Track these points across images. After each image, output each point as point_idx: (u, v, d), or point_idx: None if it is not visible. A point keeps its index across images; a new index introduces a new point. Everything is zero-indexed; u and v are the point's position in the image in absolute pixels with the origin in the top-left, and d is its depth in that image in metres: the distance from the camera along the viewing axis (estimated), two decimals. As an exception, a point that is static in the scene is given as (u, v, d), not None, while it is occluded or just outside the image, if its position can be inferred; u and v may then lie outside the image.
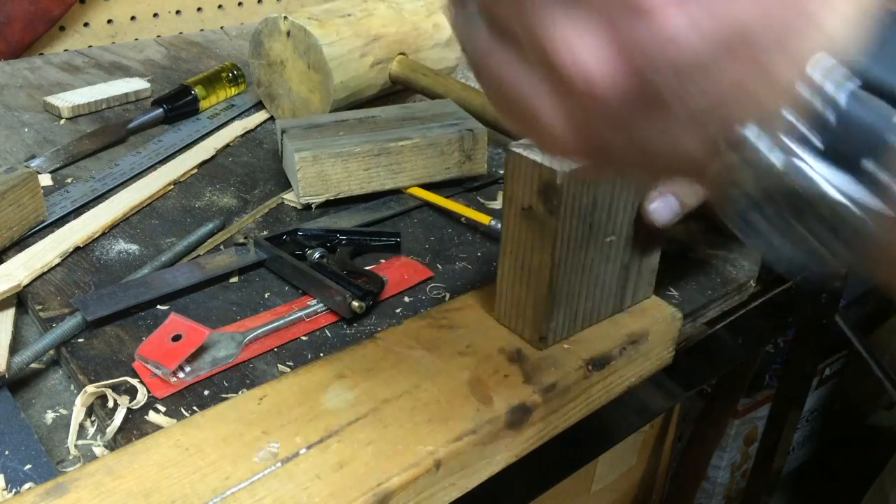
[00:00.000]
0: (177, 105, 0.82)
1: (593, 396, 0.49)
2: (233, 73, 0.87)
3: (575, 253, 0.47)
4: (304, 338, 0.52)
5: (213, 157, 0.75)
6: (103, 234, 0.62)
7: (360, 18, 0.78)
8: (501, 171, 0.74)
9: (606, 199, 0.47)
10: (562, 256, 0.46)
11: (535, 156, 0.45)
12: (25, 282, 0.55)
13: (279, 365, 0.49)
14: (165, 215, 0.65)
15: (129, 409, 0.45)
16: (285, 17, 0.75)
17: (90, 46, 1.03)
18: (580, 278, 0.48)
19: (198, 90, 0.83)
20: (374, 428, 0.41)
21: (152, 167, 0.73)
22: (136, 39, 1.07)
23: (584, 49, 0.23)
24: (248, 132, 0.81)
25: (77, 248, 0.60)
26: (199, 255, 0.60)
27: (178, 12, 1.12)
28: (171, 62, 0.98)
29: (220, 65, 0.88)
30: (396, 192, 0.69)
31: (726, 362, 0.73)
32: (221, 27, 1.14)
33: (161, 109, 0.81)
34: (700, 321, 0.59)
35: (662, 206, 0.48)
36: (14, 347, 0.50)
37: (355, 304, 0.52)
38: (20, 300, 0.55)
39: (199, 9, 1.13)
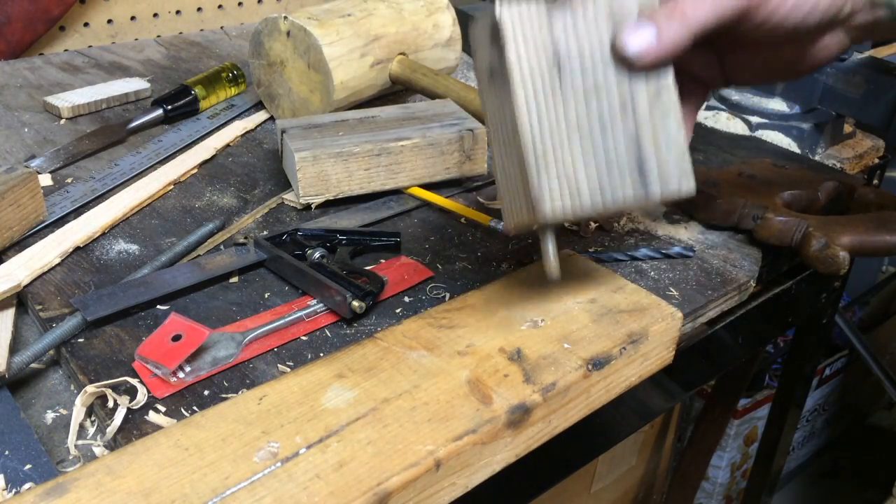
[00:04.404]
0: (177, 105, 0.82)
1: (593, 396, 0.49)
2: (233, 73, 0.87)
3: (551, 106, 0.45)
4: (304, 338, 0.52)
5: (213, 157, 0.75)
6: (103, 234, 0.62)
7: (360, 18, 0.78)
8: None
9: (571, 41, 0.45)
10: (532, 108, 0.44)
11: (486, 11, 0.44)
12: (25, 282, 0.55)
13: (279, 365, 0.49)
14: (165, 215, 0.66)
15: (129, 409, 0.45)
16: (285, 17, 0.75)
17: (90, 46, 1.03)
18: (568, 140, 0.45)
19: (198, 90, 0.83)
20: (374, 428, 0.41)
21: (152, 167, 0.73)
22: (136, 39, 1.07)
23: None
24: (248, 132, 0.81)
25: (77, 248, 0.60)
26: (199, 255, 0.60)
27: (178, 12, 1.12)
28: (171, 62, 0.98)
29: (220, 65, 0.88)
30: (396, 192, 0.69)
31: (726, 362, 0.74)
32: (221, 27, 1.14)
33: (161, 109, 0.81)
34: (700, 321, 0.59)
35: (635, 35, 0.44)
36: (14, 347, 0.50)
37: (355, 304, 0.52)
38: (20, 300, 0.55)
39: (199, 9, 1.13)
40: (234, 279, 0.58)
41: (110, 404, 0.45)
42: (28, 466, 0.42)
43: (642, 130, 0.46)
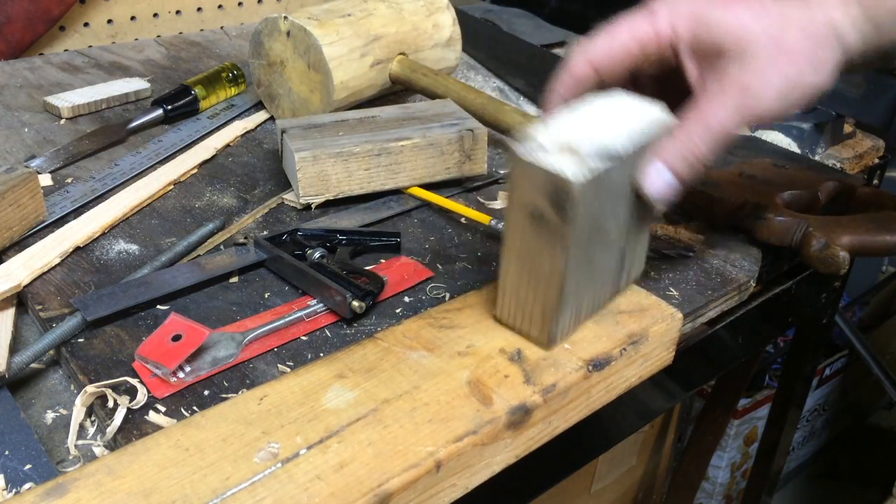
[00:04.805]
0: (177, 105, 0.82)
1: (593, 397, 0.49)
2: (233, 73, 0.87)
3: (584, 255, 0.46)
4: (304, 338, 0.52)
5: (213, 157, 0.75)
6: (103, 234, 0.62)
7: (360, 18, 0.78)
8: (502, 171, 0.74)
9: (608, 196, 0.46)
10: (575, 265, 0.46)
11: (544, 163, 0.43)
12: (25, 282, 0.55)
13: (279, 365, 0.49)
14: (165, 215, 0.65)
15: (129, 409, 0.45)
16: (285, 17, 0.75)
17: (90, 46, 1.03)
18: (585, 276, 0.48)
19: (198, 90, 0.83)
20: (374, 428, 0.41)
21: (152, 167, 0.73)
22: (136, 39, 1.07)
23: None
24: (248, 132, 0.81)
25: (77, 248, 0.60)
26: (199, 255, 0.60)
27: (178, 12, 1.12)
28: (171, 62, 0.98)
29: (220, 65, 0.88)
30: (396, 192, 0.69)
31: (726, 362, 0.74)
32: (221, 27, 1.14)
33: (161, 109, 0.81)
34: (700, 321, 0.59)
35: (660, 181, 0.48)
36: (14, 347, 0.50)
37: (355, 304, 0.52)
38: (20, 300, 0.55)
39: (199, 9, 1.13)
40: (234, 279, 0.58)
41: (110, 404, 0.45)
42: (28, 466, 0.42)
43: (629, 241, 0.51)
